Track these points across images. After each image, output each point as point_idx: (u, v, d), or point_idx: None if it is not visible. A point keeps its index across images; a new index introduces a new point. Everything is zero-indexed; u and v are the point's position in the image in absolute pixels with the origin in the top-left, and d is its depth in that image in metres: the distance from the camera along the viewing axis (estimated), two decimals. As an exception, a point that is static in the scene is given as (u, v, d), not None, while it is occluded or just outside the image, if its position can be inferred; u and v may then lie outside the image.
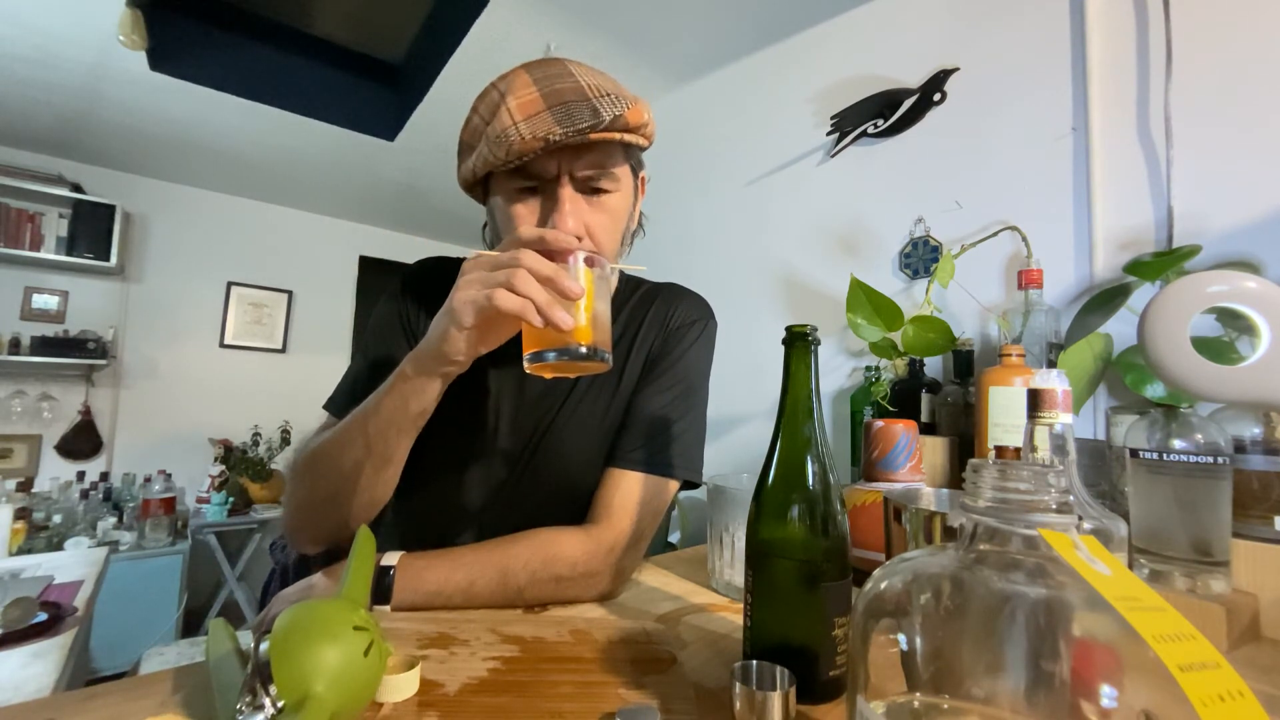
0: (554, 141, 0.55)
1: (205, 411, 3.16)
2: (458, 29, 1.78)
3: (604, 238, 0.62)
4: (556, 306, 0.47)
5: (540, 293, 0.47)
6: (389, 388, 0.56)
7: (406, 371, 0.55)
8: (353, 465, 0.58)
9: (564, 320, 0.47)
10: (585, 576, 0.60)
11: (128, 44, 1.67)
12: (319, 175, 3.02)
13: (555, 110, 0.55)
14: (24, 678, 0.98)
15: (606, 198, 0.62)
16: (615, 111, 0.55)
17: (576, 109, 0.55)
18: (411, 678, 0.40)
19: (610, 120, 0.55)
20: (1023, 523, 0.25)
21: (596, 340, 0.51)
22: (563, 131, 0.54)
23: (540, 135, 0.54)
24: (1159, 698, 0.21)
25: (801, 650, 0.40)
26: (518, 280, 0.47)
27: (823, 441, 0.44)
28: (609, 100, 0.56)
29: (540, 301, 0.47)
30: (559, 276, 0.48)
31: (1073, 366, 0.93)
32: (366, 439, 0.57)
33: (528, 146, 0.55)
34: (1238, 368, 0.39)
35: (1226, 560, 0.56)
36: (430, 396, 0.56)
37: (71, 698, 0.40)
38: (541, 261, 0.49)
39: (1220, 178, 0.95)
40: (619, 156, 0.62)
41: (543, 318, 0.47)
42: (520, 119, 0.56)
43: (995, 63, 1.25)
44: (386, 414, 0.56)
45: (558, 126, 0.54)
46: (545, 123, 0.55)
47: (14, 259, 2.65)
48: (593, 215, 0.61)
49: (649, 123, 0.60)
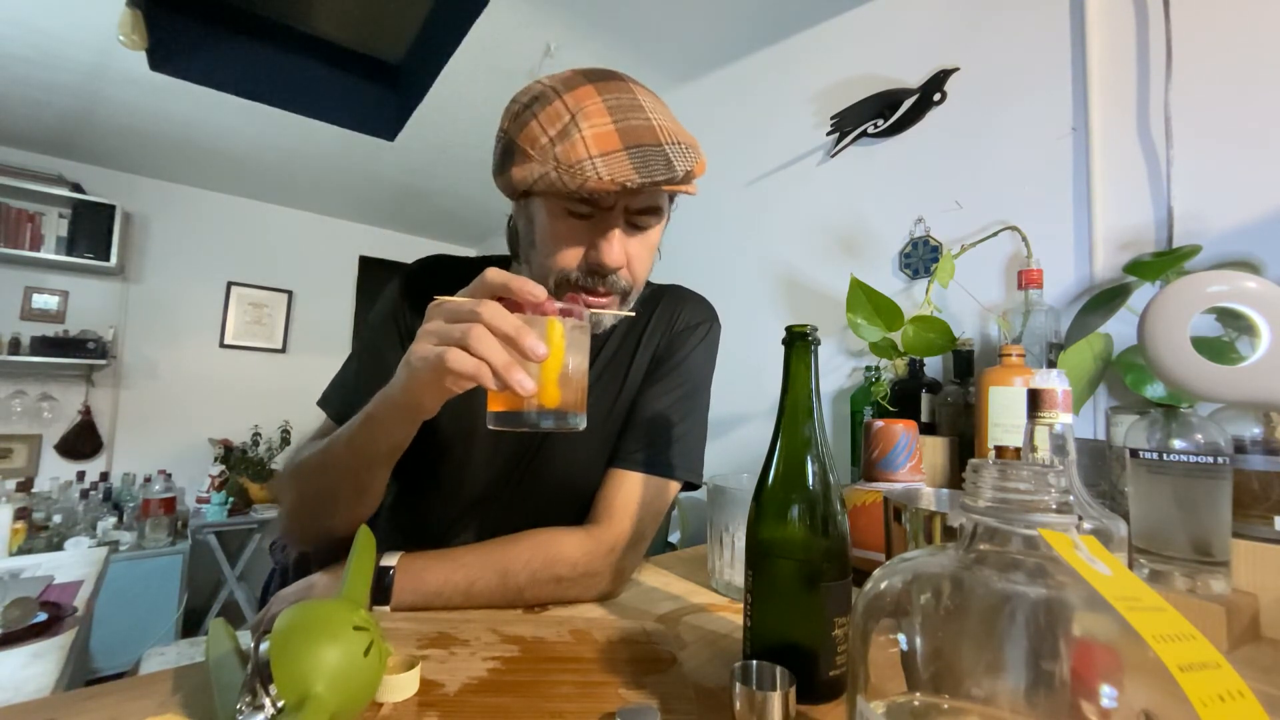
0: (630, 189, 0.53)
1: (205, 411, 3.15)
2: (458, 29, 1.78)
3: (639, 269, 0.63)
4: (516, 369, 0.43)
5: (498, 353, 0.43)
6: (359, 424, 0.55)
7: (374, 414, 0.53)
8: (330, 489, 0.59)
9: (523, 385, 0.43)
10: (585, 577, 0.60)
11: (128, 44, 1.67)
12: (319, 175, 3.02)
13: (633, 153, 0.54)
14: (24, 678, 0.98)
15: (650, 231, 0.62)
16: (687, 167, 0.55)
17: (653, 157, 0.54)
18: (411, 678, 0.40)
19: (683, 175, 0.55)
20: (1023, 523, 0.25)
21: (565, 403, 0.46)
22: (640, 181, 0.53)
23: (619, 180, 0.53)
24: (1159, 698, 0.21)
25: (801, 650, 0.40)
26: (473, 339, 0.43)
27: (823, 441, 0.44)
28: (680, 150, 0.55)
29: (497, 364, 0.43)
30: (520, 336, 0.43)
31: (1073, 366, 0.93)
32: (340, 469, 0.57)
33: (604, 187, 0.53)
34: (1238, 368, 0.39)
35: (1226, 560, 0.56)
36: (400, 436, 0.55)
37: (71, 698, 0.40)
38: (503, 316, 0.44)
39: (1220, 178, 0.95)
40: (668, 195, 0.63)
41: (500, 381, 0.43)
42: (597, 154, 0.53)
43: (995, 63, 1.25)
44: (357, 448, 0.56)
45: (635, 175, 0.53)
46: (624, 168, 0.53)
47: (14, 259, 2.65)
48: (634, 247, 0.61)
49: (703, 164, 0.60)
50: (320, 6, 1.95)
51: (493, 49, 1.84)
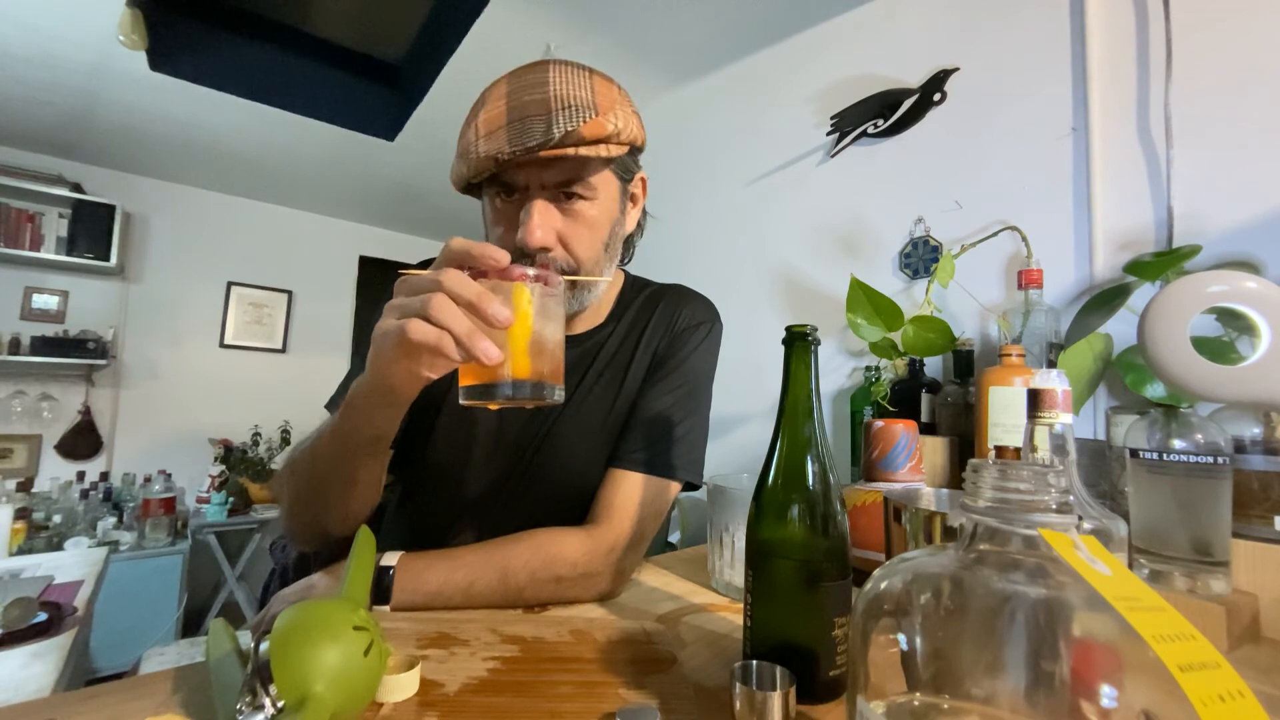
0: (503, 160, 0.55)
1: (205, 411, 3.15)
2: (458, 29, 1.78)
3: (579, 248, 0.61)
4: (479, 337, 0.40)
5: (459, 321, 0.40)
6: (341, 412, 0.53)
7: (351, 400, 0.52)
8: (320, 482, 0.58)
9: (488, 353, 0.41)
10: (585, 577, 0.60)
11: (128, 44, 1.67)
12: (319, 175, 3.01)
13: (511, 126, 0.55)
14: (24, 678, 0.98)
15: (583, 205, 0.61)
16: (569, 127, 0.54)
17: (531, 125, 0.54)
18: (411, 678, 0.40)
19: (561, 136, 0.54)
20: (1023, 523, 0.25)
21: (538, 373, 0.43)
22: (510, 150, 0.54)
23: (490, 154, 0.55)
24: (1159, 698, 0.21)
25: (801, 650, 0.40)
26: (433, 307, 0.40)
27: (823, 441, 0.44)
28: (567, 114, 0.55)
29: (459, 331, 0.40)
30: (482, 302, 0.41)
31: (1073, 366, 0.93)
32: (328, 460, 0.56)
33: (482, 165, 0.56)
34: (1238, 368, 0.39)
35: (1226, 560, 0.56)
36: (382, 424, 0.53)
37: (71, 698, 0.40)
38: (464, 283, 0.41)
39: (1220, 178, 0.95)
40: (591, 165, 0.60)
41: (464, 351, 0.41)
42: (482, 134, 0.56)
43: (995, 63, 1.25)
44: (341, 439, 0.54)
45: (507, 145, 0.54)
46: (498, 141, 0.55)
47: (14, 259, 2.65)
48: (567, 224, 0.60)
49: (617, 133, 0.57)
50: (320, 6, 1.95)
51: (493, 49, 1.84)
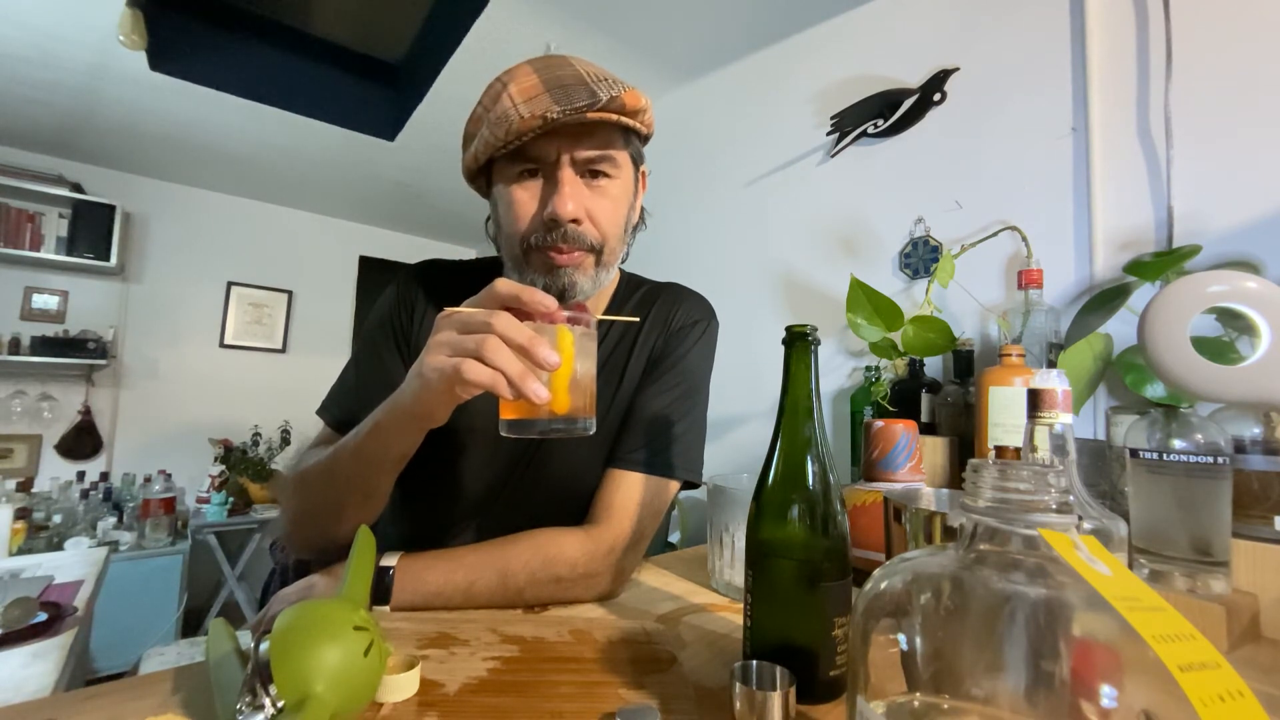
0: (552, 119, 0.55)
1: (205, 411, 3.15)
2: (458, 29, 1.78)
3: (605, 223, 0.63)
4: (530, 379, 0.44)
5: (513, 363, 0.44)
6: (368, 433, 0.55)
7: (382, 422, 0.54)
8: (336, 497, 0.59)
9: (538, 394, 0.44)
10: (585, 577, 0.60)
11: (128, 44, 1.67)
12: (319, 175, 3.01)
13: (554, 92, 0.56)
14: (24, 678, 0.98)
15: (608, 183, 0.63)
16: (612, 93, 0.56)
17: (575, 91, 0.56)
18: (411, 678, 0.40)
19: (607, 100, 0.56)
20: (1023, 523, 0.25)
21: (575, 408, 0.48)
22: (560, 109, 0.55)
23: (539, 113, 0.55)
24: (1159, 698, 0.21)
25: (801, 650, 0.40)
26: (488, 349, 0.44)
27: (823, 441, 0.44)
28: (606, 84, 0.58)
29: (513, 374, 0.44)
30: (534, 346, 0.44)
31: (1073, 366, 0.93)
32: (348, 476, 0.58)
33: (527, 125, 0.56)
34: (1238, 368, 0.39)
35: (1226, 560, 0.56)
36: (409, 443, 0.55)
37: (71, 698, 0.40)
38: (516, 327, 0.45)
39: (1220, 178, 0.95)
40: (619, 142, 0.63)
41: (515, 390, 0.44)
42: (520, 101, 0.57)
43: (995, 63, 1.25)
44: (366, 457, 0.56)
45: (555, 105, 0.55)
46: (544, 103, 0.56)
47: (14, 259, 2.64)
48: (593, 200, 0.62)
49: (647, 109, 0.61)
50: (320, 6, 1.95)
51: (492, 49, 1.84)
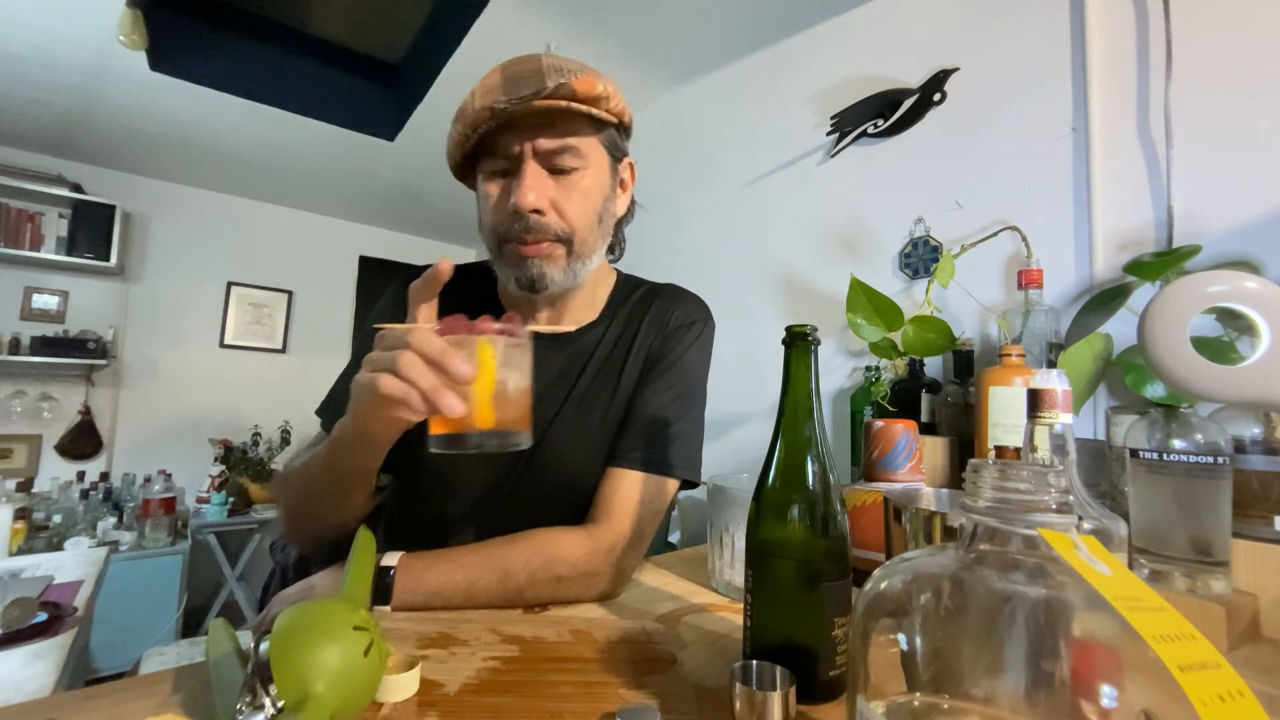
0: (499, 109, 0.57)
1: (205, 412, 3.15)
2: (458, 29, 1.78)
3: (573, 215, 0.63)
4: (443, 392, 0.43)
5: (425, 376, 0.43)
6: (328, 448, 0.57)
7: (336, 440, 0.55)
8: (315, 498, 0.61)
9: (451, 408, 0.43)
10: (585, 576, 0.60)
11: (128, 44, 1.67)
12: (319, 175, 3.01)
13: (506, 84, 0.58)
14: (24, 678, 0.98)
15: (575, 175, 0.63)
16: (560, 80, 0.57)
17: (526, 81, 0.58)
18: (411, 678, 0.40)
19: (554, 88, 0.57)
20: (1023, 523, 0.25)
21: (503, 421, 0.46)
22: (506, 99, 0.57)
23: (486, 105, 0.57)
24: (1159, 698, 0.21)
25: (801, 650, 0.40)
26: (400, 364, 0.43)
27: (823, 441, 0.44)
28: (559, 72, 0.58)
29: (424, 387, 0.43)
30: (445, 359, 0.43)
31: (1073, 366, 0.92)
32: (320, 484, 0.60)
33: (479, 118, 0.58)
34: (1238, 368, 0.39)
35: (1226, 560, 0.56)
36: (365, 459, 0.56)
37: (71, 698, 0.40)
38: (429, 341, 0.44)
39: (1220, 178, 0.95)
40: (583, 131, 0.63)
41: (429, 405, 0.44)
42: (478, 95, 0.59)
43: (995, 63, 1.25)
44: (329, 470, 0.58)
45: (502, 96, 0.57)
46: (494, 94, 0.58)
47: (14, 259, 2.64)
48: (559, 191, 0.62)
49: (608, 96, 0.61)
50: (320, 6, 1.95)
51: (493, 49, 1.83)
